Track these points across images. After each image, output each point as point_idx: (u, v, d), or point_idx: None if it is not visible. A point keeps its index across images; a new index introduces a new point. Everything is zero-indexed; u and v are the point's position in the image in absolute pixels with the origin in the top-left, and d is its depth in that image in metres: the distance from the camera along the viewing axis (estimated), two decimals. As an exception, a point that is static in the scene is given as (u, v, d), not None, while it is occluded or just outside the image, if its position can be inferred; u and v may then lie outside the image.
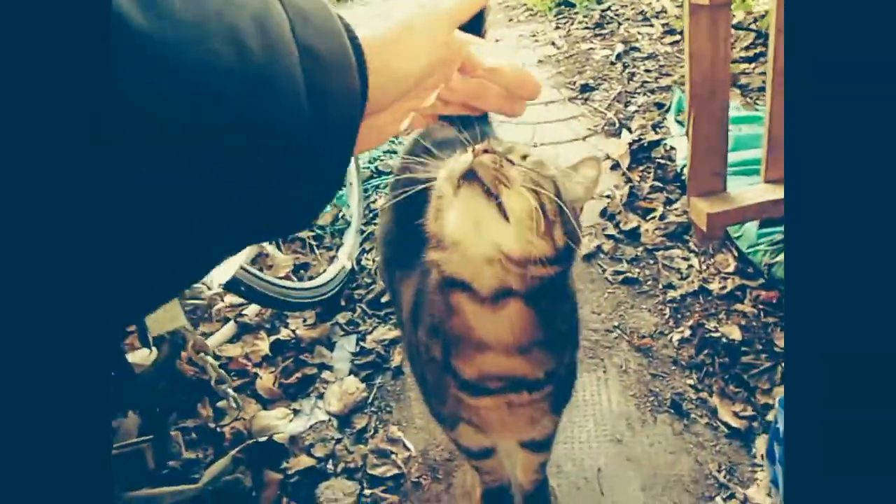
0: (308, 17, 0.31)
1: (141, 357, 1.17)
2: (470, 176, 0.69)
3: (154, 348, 1.18)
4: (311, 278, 1.73)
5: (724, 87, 1.36)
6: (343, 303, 1.75)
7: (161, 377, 1.17)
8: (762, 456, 1.27)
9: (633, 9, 3.16)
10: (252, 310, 1.75)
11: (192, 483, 1.30)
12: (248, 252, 1.66)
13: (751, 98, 2.26)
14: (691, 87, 1.34)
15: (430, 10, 0.40)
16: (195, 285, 1.04)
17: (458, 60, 0.45)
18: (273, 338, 1.66)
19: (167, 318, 0.99)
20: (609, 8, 3.25)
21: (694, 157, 1.44)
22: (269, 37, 0.29)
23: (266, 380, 1.55)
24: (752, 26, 2.53)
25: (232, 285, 1.31)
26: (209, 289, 1.07)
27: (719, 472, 1.26)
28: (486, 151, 0.70)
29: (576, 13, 3.33)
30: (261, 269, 1.57)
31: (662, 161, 2.04)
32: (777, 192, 1.49)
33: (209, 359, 1.11)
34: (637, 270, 1.73)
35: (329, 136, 0.32)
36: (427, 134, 1.21)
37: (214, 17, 0.27)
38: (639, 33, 2.89)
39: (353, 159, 2.10)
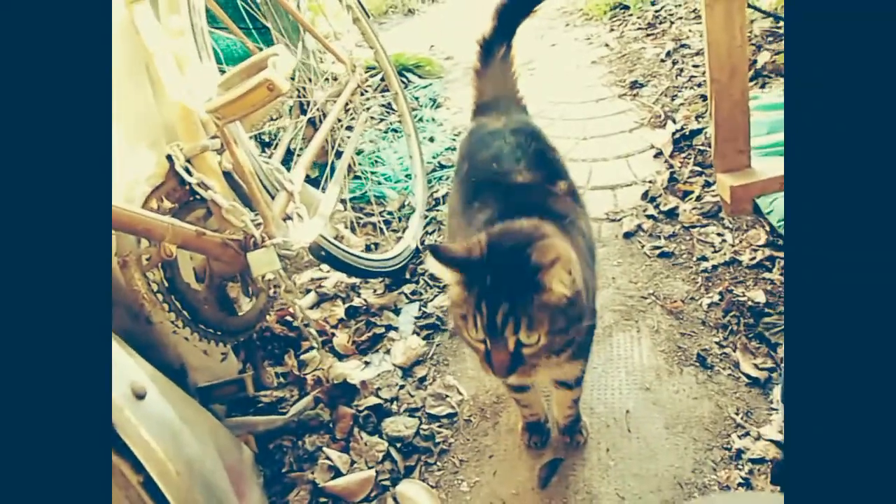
0: None
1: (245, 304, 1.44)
2: None
3: (253, 297, 1.45)
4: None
5: (742, 71, 1.51)
6: (408, 276, 1.99)
7: (257, 321, 1.44)
8: (778, 401, 1.40)
9: (686, 7, 3.28)
10: (329, 282, 2.02)
11: (282, 415, 1.56)
12: (329, 231, 1.91)
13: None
14: (711, 73, 1.51)
15: None
16: (285, 240, 1.30)
17: None
18: (347, 305, 1.92)
19: (266, 261, 1.25)
20: (662, 8, 3.38)
21: (718, 136, 1.59)
22: None
23: (341, 338, 1.80)
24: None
25: (314, 250, 1.57)
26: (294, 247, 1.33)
27: (737, 414, 1.41)
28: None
29: (630, 15, 3.48)
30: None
31: (703, 147, 2.18)
32: (800, 168, 1.62)
33: (297, 302, 1.36)
34: (673, 245, 1.88)
35: None
36: (482, 126, 1.44)
37: None
38: (690, 31, 3.01)
39: (417, 154, 2.35)
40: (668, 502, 1.27)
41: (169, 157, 1.25)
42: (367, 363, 1.72)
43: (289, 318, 1.87)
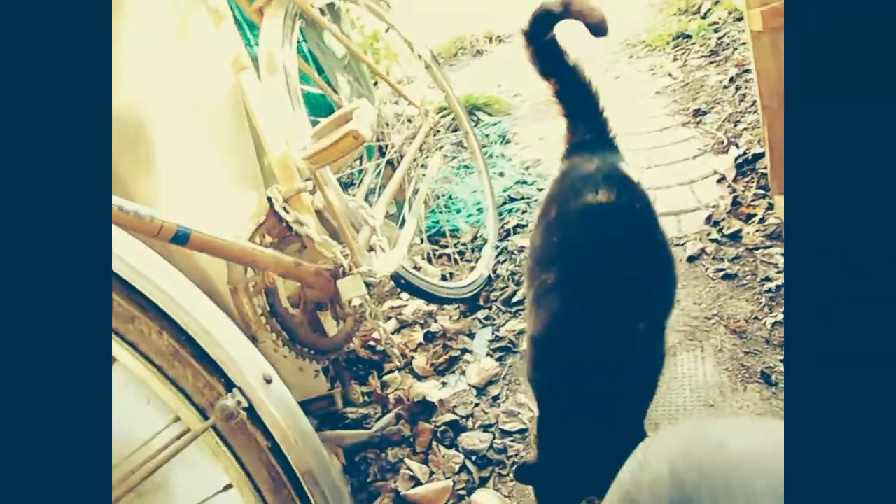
0: None
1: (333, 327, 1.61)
2: None
3: (342, 322, 1.62)
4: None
5: (793, 98, 1.58)
6: (481, 303, 2.13)
7: (345, 342, 1.61)
8: (843, 415, 1.43)
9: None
10: (408, 310, 2.18)
11: (367, 430, 1.71)
12: (408, 262, 2.07)
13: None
14: (762, 100, 1.58)
15: None
16: (370, 269, 1.47)
17: None
18: (425, 330, 2.07)
19: (353, 287, 1.42)
20: (725, 34, 3.43)
21: (773, 160, 1.66)
22: None
23: (420, 360, 1.95)
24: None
25: (395, 279, 1.73)
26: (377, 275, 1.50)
27: (802, 428, 1.44)
28: None
29: (692, 43, 3.54)
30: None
31: (765, 171, 2.22)
32: (860, 188, 1.65)
33: (382, 324, 1.52)
34: (737, 267, 1.93)
35: None
36: (575, 167, 1.45)
37: None
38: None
39: (488, 188, 2.51)
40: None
41: (269, 199, 1.44)
42: (444, 383, 1.85)
43: (372, 342, 2.03)
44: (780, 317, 1.71)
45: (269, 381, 0.69)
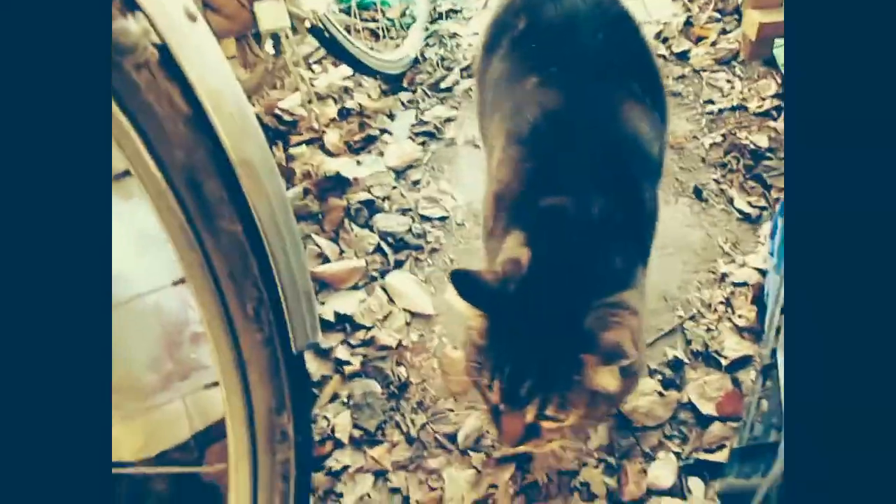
0: None
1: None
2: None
3: (249, 70, 1.35)
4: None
5: None
6: (405, 84, 1.90)
7: (251, 93, 1.35)
8: (765, 236, 1.43)
9: None
10: (321, 83, 1.91)
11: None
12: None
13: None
14: None
15: None
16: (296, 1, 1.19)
17: None
18: (340, 106, 1.83)
19: (275, 15, 1.15)
20: None
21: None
22: None
23: (333, 137, 1.73)
24: None
25: (317, 31, 1.46)
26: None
27: (725, 243, 1.43)
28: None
29: None
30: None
31: (725, -6, 2.08)
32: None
33: (302, 73, 1.28)
34: (681, 87, 1.83)
35: None
36: None
37: None
38: None
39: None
40: (652, 312, 1.31)
41: None
42: (359, 162, 1.67)
43: (279, 111, 1.78)
44: (719, 138, 1.65)
45: (193, 19, 0.47)
